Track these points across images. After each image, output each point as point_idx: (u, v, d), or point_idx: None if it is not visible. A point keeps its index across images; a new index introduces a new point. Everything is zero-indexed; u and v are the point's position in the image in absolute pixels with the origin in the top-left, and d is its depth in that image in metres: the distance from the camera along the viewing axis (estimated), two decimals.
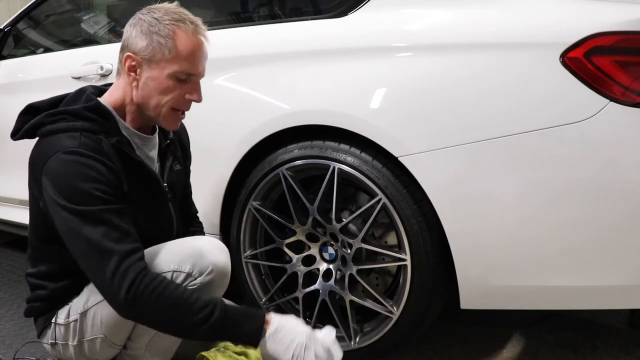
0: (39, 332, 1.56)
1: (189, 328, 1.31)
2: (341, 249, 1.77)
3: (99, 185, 1.33)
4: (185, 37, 1.42)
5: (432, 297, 1.64)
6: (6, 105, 2.62)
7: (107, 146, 1.39)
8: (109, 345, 1.48)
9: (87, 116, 1.41)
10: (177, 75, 1.42)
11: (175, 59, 1.41)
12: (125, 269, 1.28)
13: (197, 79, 1.47)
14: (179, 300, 1.30)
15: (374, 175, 1.63)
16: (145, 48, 1.41)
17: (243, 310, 1.37)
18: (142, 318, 1.35)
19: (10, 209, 2.70)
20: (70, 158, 1.33)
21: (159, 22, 1.41)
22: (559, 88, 1.42)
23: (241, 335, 1.33)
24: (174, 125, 1.50)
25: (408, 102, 1.58)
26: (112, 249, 1.29)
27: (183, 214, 1.73)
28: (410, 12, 1.68)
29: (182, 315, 1.30)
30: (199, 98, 1.48)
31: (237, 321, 1.33)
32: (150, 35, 1.41)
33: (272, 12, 2.11)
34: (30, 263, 1.55)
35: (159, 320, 1.33)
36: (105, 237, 1.30)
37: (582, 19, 1.43)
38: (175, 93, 1.44)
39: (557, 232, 1.46)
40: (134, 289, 1.27)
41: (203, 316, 1.30)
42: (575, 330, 2.02)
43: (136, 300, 1.28)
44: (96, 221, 1.31)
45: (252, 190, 1.85)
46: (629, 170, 1.39)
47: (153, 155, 1.57)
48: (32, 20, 2.89)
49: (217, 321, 1.30)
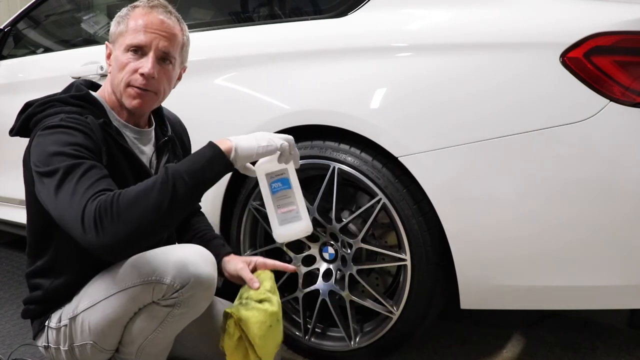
0: (34, 334, 1.55)
1: (164, 212, 1.21)
2: (341, 249, 1.77)
3: (76, 146, 1.31)
4: (139, 12, 1.46)
5: (432, 297, 1.64)
6: (6, 105, 2.63)
7: (93, 122, 1.38)
8: (99, 351, 1.46)
9: (75, 103, 1.42)
10: (128, 49, 1.44)
11: (127, 33, 1.45)
12: (90, 205, 1.21)
13: (149, 51, 1.44)
14: (137, 196, 1.21)
15: (374, 175, 1.63)
16: (112, 33, 1.49)
17: (198, 156, 1.30)
18: (119, 238, 1.21)
19: (10, 209, 2.70)
20: (50, 131, 1.34)
21: (127, 8, 1.48)
22: (559, 88, 1.42)
23: (215, 174, 1.31)
24: (131, 103, 1.45)
25: (408, 102, 1.58)
26: (85, 192, 1.23)
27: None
28: (410, 12, 1.68)
29: (148, 205, 1.21)
30: (149, 71, 1.42)
31: (202, 167, 1.28)
32: (116, 20, 1.49)
33: (272, 12, 2.11)
34: (28, 261, 1.55)
35: (134, 226, 1.20)
36: (78, 185, 1.24)
37: (582, 19, 1.43)
38: (128, 67, 1.44)
39: (557, 232, 1.46)
40: (97, 216, 1.19)
41: (170, 188, 1.22)
42: (575, 330, 2.02)
43: (103, 224, 1.19)
44: (71, 174, 1.25)
45: (252, 190, 1.85)
46: (629, 170, 1.39)
47: (147, 150, 1.55)
48: (32, 20, 2.89)
49: (183, 185, 1.23)
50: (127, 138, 1.49)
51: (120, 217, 1.19)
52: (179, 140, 1.67)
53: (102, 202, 1.20)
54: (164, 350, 1.53)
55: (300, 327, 1.85)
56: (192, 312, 1.42)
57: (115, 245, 1.21)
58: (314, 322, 1.82)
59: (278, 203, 1.37)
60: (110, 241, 1.20)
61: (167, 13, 1.48)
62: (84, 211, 1.20)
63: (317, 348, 1.84)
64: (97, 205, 1.20)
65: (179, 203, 1.24)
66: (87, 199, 1.21)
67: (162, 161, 1.57)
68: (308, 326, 1.84)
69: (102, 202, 1.20)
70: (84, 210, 1.20)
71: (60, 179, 1.26)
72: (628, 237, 1.41)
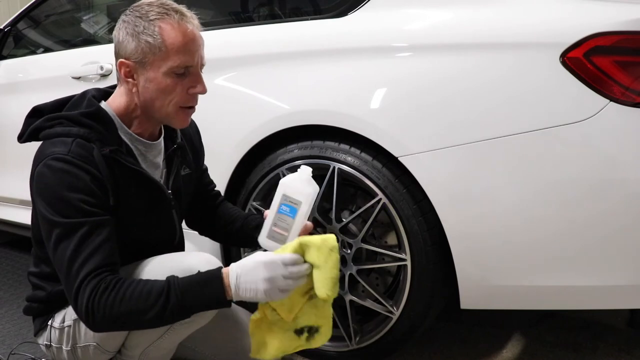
0: (35, 331, 1.55)
1: (154, 320, 1.28)
2: (341, 249, 1.77)
3: (80, 195, 1.30)
4: (172, 30, 1.35)
5: (432, 297, 1.64)
6: (6, 106, 2.63)
7: (98, 156, 1.34)
8: (102, 353, 1.46)
9: (84, 122, 1.37)
10: (174, 71, 1.35)
11: (168, 55, 1.34)
12: (84, 287, 1.27)
13: (196, 69, 1.39)
14: (132, 299, 1.27)
15: (374, 175, 1.63)
16: (135, 51, 1.35)
17: (198, 278, 1.31)
18: (108, 328, 1.34)
19: (10, 209, 2.70)
20: (57, 165, 1.31)
21: (142, 19, 1.35)
22: (559, 88, 1.42)
23: (208, 303, 1.32)
24: (185, 122, 1.45)
25: (408, 102, 1.58)
26: (80, 267, 1.27)
27: (208, 207, 1.70)
28: (410, 12, 1.68)
29: (141, 313, 1.27)
30: (203, 89, 1.40)
31: (197, 293, 1.29)
32: (137, 36, 1.35)
33: (272, 12, 2.11)
34: (33, 262, 1.55)
35: (125, 324, 1.33)
36: (76, 254, 1.28)
37: (582, 19, 1.43)
38: (177, 90, 1.37)
39: (557, 232, 1.46)
40: (90, 305, 1.26)
41: (161, 304, 1.26)
42: (575, 330, 2.02)
43: (94, 315, 1.27)
44: (71, 236, 1.29)
45: (252, 190, 1.85)
46: (629, 170, 1.39)
47: (158, 162, 1.52)
48: (32, 20, 2.89)
49: (176, 305, 1.27)
50: (138, 152, 1.46)
51: (112, 316, 1.27)
52: (189, 144, 1.62)
53: (97, 293, 1.27)
54: (167, 354, 1.53)
55: None
56: (200, 320, 1.42)
57: (101, 331, 1.37)
58: None
59: (276, 221, 1.41)
60: (98, 329, 1.34)
61: (191, 19, 1.39)
62: (77, 293, 1.28)
63: (317, 348, 1.83)
64: (90, 296, 1.27)
65: (169, 322, 1.34)
66: (82, 279, 1.28)
67: (172, 170, 1.55)
68: None
69: (97, 293, 1.27)
70: (77, 293, 1.28)
71: (59, 235, 1.30)
72: (628, 237, 1.41)
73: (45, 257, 1.49)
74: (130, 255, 1.43)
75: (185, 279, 1.30)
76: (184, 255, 1.48)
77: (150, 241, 1.49)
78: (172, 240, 1.57)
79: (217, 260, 1.44)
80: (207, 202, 1.71)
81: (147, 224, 1.48)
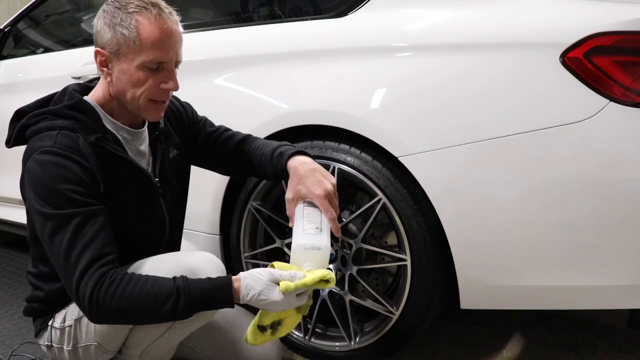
0: (36, 332, 1.55)
1: (160, 319, 1.31)
2: (341, 249, 1.77)
3: (71, 185, 1.30)
4: (149, 24, 1.34)
5: (432, 297, 1.64)
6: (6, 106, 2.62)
7: (84, 144, 1.35)
8: (103, 352, 1.46)
9: (67, 114, 1.38)
10: (146, 65, 1.35)
11: (141, 48, 1.34)
12: (87, 278, 1.27)
13: (169, 66, 1.39)
14: (140, 299, 1.27)
15: (374, 175, 1.63)
16: (110, 41, 1.35)
17: (209, 284, 1.32)
18: (111, 322, 1.35)
19: (10, 209, 2.70)
20: (44, 158, 1.32)
21: (120, 11, 1.35)
22: (559, 88, 1.42)
23: (216, 306, 1.34)
24: (155, 116, 1.44)
25: (408, 102, 1.58)
26: (78, 257, 1.27)
27: (233, 152, 1.66)
28: (410, 12, 1.68)
29: (148, 310, 1.28)
30: (175, 86, 1.40)
31: (207, 298, 1.31)
32: (114, 27, 1.35)
33: (272, 12, 2.11)
34: (31, 262, 1.55)
35: (129, 319, 1.34)
36: (73, 244, 1.28)
37: (582, 19, 1.43)
38: (148, 84, 1.37)
39: (557, 232, 1.46)
40: (94, 297, 1.26)
41: (170, 307, 1.28)
42: (575, 330, 2.02)
43: (99, 307, 1.26)
44: (66, 226, 1.29)
45: (252, 190, 1.85)
46: (629, 170, 1.39)
47: (144, 149, 1.53)
48: (32, 20, 2.89)
49: (184, 307, 1.29)
50: (125, 141, 1.47)
51: (118, 314, 1.29)
52: (178, 123, 1.60)
53: (102, 285, 1.27)
54: (167, 353, 1.53)
55: (300, 327, 1.85)
56: (201, 319, 1.42)
57: (103, 323, 1.38)
58: (313, 322, 1.82)
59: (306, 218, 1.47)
60: (100, 321, 1.35)
61: (169, 15, 1.39)
62: (78, 286, 1.27)
63: (317, 348, 1.84)
64: (95, 287, 1.26)
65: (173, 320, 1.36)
66: (83, 270, 1.27)
67: (157, 156, 1.54)
68: (308, 326, 1.84)
69: (102, 285, 1.27)
70: (78, 286, 1.27)
71: (53, 227, 1.30)
72: (628, 237, 1.41)
73: (42, 257, 1.49)
74: (122, 250, 1.41)
75: (195, 283, 1.31)
76: (186, 255, 1.48)
77: (141, 234, 1.49)
78: (163, 234, 1.56)
79: (218, 259, 1.45)
80: (226, 146, 1.66)
81: (137, 214, 1.47)
